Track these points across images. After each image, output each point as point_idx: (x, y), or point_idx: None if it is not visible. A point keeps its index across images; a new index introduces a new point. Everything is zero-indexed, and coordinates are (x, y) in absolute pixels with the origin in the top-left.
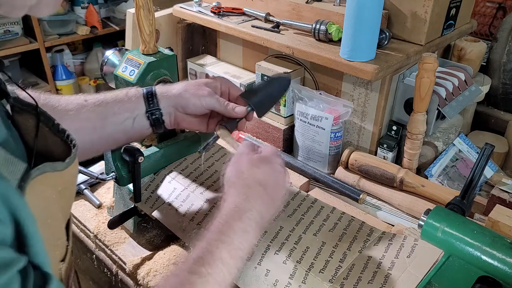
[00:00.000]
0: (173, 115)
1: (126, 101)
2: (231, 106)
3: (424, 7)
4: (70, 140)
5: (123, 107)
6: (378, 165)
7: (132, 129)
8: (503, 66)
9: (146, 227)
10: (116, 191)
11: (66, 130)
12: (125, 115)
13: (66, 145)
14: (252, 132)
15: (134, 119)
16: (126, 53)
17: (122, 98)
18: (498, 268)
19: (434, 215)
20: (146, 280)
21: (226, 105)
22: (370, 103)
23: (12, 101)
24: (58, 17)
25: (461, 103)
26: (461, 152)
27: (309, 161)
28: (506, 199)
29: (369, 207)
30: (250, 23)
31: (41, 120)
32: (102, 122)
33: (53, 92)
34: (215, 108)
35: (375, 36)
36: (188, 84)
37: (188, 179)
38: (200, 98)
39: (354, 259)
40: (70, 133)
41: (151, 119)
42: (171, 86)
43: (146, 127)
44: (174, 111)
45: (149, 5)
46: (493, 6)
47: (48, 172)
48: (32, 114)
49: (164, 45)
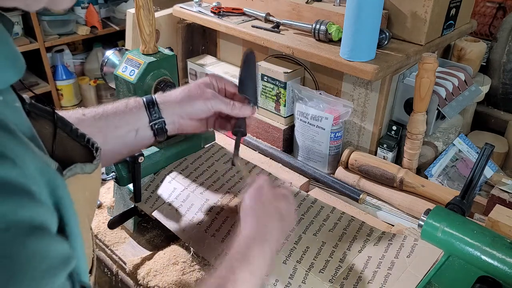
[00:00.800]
0: (177, 123)
1: (127, 113)
2: (237, 106)
3: (424, 7)
4: (91, 144)
5: (124, 119)
6: (378, 165)
7: (135, 141)
8: (503, 66)
9: (146, 227)
10: (116, 191)
11: (86, 135)
12: (127, 128)
13: (87, 149)
14: (252, 132)
15: (136, 131)
16: (126, 53)
17: (122, 110)
18: (498, 268)
19: (434, 215)
20: (146, 280)
21: (232, 106)
22: (370, 103)
23: (28, 107)
24: (58, 17)
25: (461, 103)
26: (461, 152)
27: (309, 161)
28: (506, 199)
29: (369, 207)
30: (250, 23)
31: (58, 126)
32: (104, 136)
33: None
34: (221, 110)
35: (375, 36)
36: (189, 88)
37: (188, 179)
38: (206, 102)
39: (354, 259)
40: (90, 137)
41: (154, 129)
42: (171, 93)
43: (149, 137)
44: (179, 119)
45: (149, 5)
46: (493, 6)
47: (79, 174)
48: (49, 120)
49: (164, 45)
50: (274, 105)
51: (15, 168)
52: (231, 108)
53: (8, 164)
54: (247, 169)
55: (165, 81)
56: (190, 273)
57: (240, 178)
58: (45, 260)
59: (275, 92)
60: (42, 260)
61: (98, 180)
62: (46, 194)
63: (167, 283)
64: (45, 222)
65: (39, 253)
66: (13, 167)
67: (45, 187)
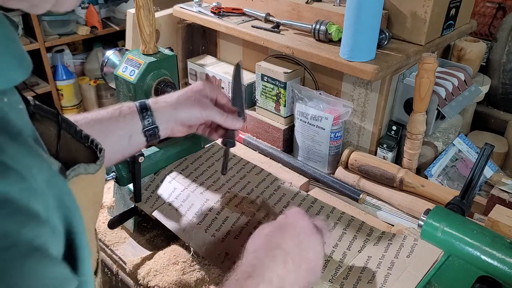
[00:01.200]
0: (169, 128)
1: (120, 120)
2: (231, 118)
3: (424, 7)
4: (95, 145)
5: (117, 125)
6: (378, 165)
7: (128, 147)
8: (502, 66)
9: (146, 227)
10: (116, 191)
11: (89, 136)
12: (120, 134)
13: (90, 150)
14: (252, 132)
15: (130, 136)
16: (126, 53)
17: (115, 116)
18: (498, 268)
19: (434, 215)
20: (146, 280)
21: (226, 117)
22: (370, 103)
23: (33, 109)
24: (58, 17)
25: (460, 103)
26: (461, 152)
27: (309, 161)
28: (506, 199)
29: (369, 207)
30: (250, 23)
31: (62, 127)
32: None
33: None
34: (215, 120)
35: (375, 36)
36: (185, 95)
37: (188, 179)
38: (201, 110)
39: (354, 259)
40: (94, 138)
41: (147, 135)
42: (165, 97)
43: (142, 142)
44: (172, 124)
45: (149, 5)
46: (493, 6)
47: (82, 174)
48: (54, 121)
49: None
50: (274, 105)
51: (21, 183)
52: (224, 119)
53: (14, 178)
54: (271, 204)
55: (165, 81)
56: (190, 273)
57: (240, 178)
58: (41, 282)
59: (275, 92)
60: (38, 283)
61: (102, 181)
62: (54, 207)
63: (167, 283)
64: (45, 243)
65: (36, 275)
66: (19, 181)
67: (53, 200)
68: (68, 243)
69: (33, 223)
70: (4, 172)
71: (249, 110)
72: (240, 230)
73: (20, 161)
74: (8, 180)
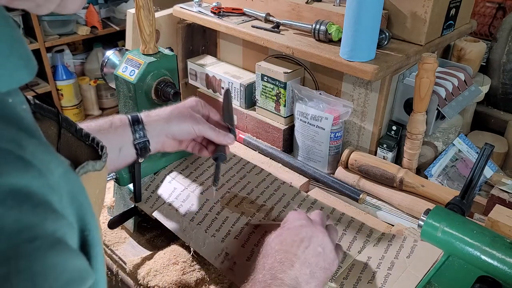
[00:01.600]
0: (161, 142)
1: (111, 132)
2: (223, 134)
3: (424, 7)
4: (96, 143)
5: (107, 138)
6: (378, 165)
7: (118, 160)
8: (502, 66)
9: (146, 227)
10: (116, 191)
11: (90, 134)
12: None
13: (91, 149)
14: (252, 132)
15: (120, 149)
16: (126, 53)
17: (106, 128)
18: (498, 268)
19: (434, 215)
20: (146, 280)
21: (218, 133)
22: (370, 103)
23: (33, 108)
24: (58, 17)
25: (460, 103)
26: (461, 152)
27: (309, 161)
28: (506, 199)
29: (369, 207)
30: (250, 23)
31: (63, 126)
32: None
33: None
34: (208, 136)
35: (375, 36)
36: (178, 109)
37: (188, 179)
38: (193, 125)
39: (354, 259)
40: (94, 136)
41: (138, 148)
42: (159, 111)
43: (132, 156)
44: (163, 138)
45: (149, 5)
46: (493, 6)
47: (90, 171)
48: (54, 120)
49: (164, 45)
50: (274, 105)
51: (40, 178)
52: (216, 135)
53: (35, 173)
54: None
55: (165, 81)
56: (190, 273)
57: (240, 178)
58: (64, 274)
59: (275, 92)
60: (61, 275)
61: (105, 179)
62: (67, 203)
63: (167, 283)
64: (64, 236)
65: (58, 267)
66: (39, 177)
67: (67, 196)
68: (81, 240)
69: (53, 216)
70: (26, 167)
71: (249, 110)
72: (240, 230)
73: (39, 157)
74: (30, 175)
